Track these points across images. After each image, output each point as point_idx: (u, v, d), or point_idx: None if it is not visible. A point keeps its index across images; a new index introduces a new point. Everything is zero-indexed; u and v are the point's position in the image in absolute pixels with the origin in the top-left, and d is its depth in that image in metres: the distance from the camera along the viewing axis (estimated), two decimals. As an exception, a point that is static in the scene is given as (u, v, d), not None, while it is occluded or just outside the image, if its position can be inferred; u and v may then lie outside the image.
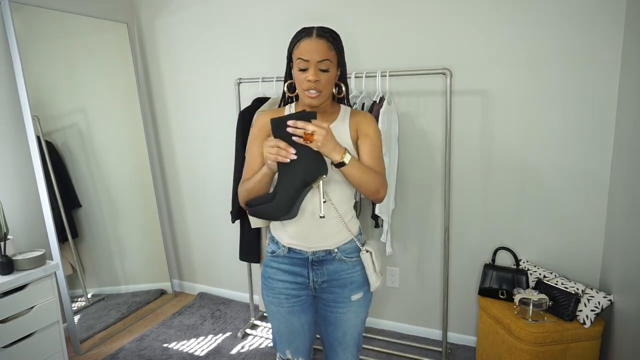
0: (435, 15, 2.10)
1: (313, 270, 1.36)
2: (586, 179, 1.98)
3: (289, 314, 1.39)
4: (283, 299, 1.38)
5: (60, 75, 2.42)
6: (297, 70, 1.26)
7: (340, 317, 1.39)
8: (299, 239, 1.34)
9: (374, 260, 1.35)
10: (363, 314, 1.42)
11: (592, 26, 1.85)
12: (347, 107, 1.39)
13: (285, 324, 1.41)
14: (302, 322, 1.41)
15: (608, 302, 1.81)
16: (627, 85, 1.78)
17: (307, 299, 1.41)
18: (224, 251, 2.94)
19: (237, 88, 2.38)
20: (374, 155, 1.32)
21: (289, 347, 1.44)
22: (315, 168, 1.19)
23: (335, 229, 1.34)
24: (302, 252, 1.35)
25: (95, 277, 2.60)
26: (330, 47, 1.25)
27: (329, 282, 1.37)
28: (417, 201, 2.32)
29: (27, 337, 1.90)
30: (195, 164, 2.89)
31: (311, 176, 1.19)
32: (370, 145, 1.32)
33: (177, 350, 2.39)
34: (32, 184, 2.30)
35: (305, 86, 1.25)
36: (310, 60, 1.23)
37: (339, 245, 1.35)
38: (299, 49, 1.26)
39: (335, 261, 1.36)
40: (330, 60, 1.25)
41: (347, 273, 1.37)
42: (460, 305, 2.34)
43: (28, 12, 2.24)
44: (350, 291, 1.37)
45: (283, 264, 1.38)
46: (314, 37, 1.25)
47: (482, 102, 2.10)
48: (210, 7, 2.60)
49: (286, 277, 1.38)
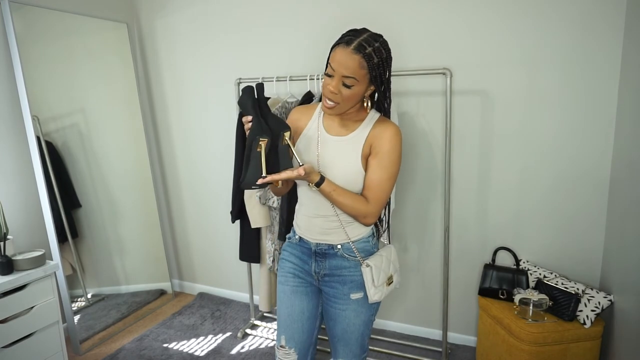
0: (435, 15, 2.10)
1: (316, 262, 1.41)
2: (586, 179, 1.98)
3: (292, 293, 1.44)
4: (290, 277, 1.46)
5: (60, 75, 2.42)
6: (325, 74, 1.25)
7: (339, 314, 1.41)
8: (304, 230, 1.41)
9: (373, 276, 1.35)
10: (364, 315, 1.41)
11: (592, 26, 1.85)
12: (374, 115, 1.34)
13: (286, 305, 1.45)
14: (302, 306, 1.44)
15: (608, 302, 1.81)
16: (627, 85, 1.78)
17: (311, 286, 1.46)
18: (224, 251, 2.94)
19: (237, 88, 2.38)
20: (375, 179, 1.28)
21: (285, 332, 1.45)
22: (260, 127, 1.19)
23: (332, 227, 1.36)
24: (308, 242, 1.41)
25: (95, 277, 2.60)
26: (362, 65, 1.18)
27: (330, 277, 1.40)
28: (417, 201, 2.32)
29: (27, 337, 1.90)
30: (195, 163, 2.89)
31: (256, 133, 1.18)
32: (376, 166, 1.28)
33: (177, 350, 2.39)
34: (32, 184, 2.30)
35: (325, 92, 1.25)
36: (336, 72, 1.20)
37: (342, 243, 1.37)
38: (334, 52, 1.22)
39: (337, 257, 1.38)
40: (356, 78, 1.20)
41: (348, 271, 1.38)
42: (460, 305, 2.34)
43: (28, 12, 2.24)
44: (350, 289, 1.38)
45: (295, 250, 1.46)
46: (351, 49, 1.18)
47: (482, 102, 2.10)
48: (210, 7, 2.60)
49: (296, 261, 1.45)
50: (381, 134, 1.29)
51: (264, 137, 1.17)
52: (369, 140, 1.30)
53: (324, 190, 1.26)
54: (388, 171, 1.28)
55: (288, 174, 1.18)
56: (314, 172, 1.25)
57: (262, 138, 1.17)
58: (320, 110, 1.40)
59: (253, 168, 1.18)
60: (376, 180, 1.28)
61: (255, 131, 1.17)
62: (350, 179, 1.30)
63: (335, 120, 1.35)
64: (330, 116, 1.36)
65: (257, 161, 1.18)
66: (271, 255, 2.24)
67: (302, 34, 2.38)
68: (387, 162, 1.28)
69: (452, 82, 2.09)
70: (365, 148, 1.30)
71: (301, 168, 1.19)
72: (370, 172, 1.29)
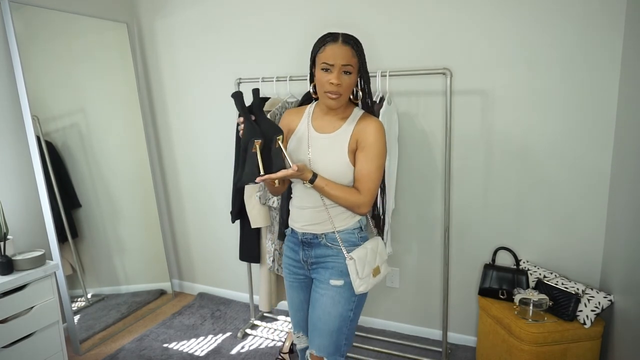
0: (435, 15, 2.10)
1: (303, 250, 1.50)
2: (586, 179, 1.98)
3: (289, 287, 1.59)
4: (287, 273, 1.59)
5: (60, 75, 2.42)
6: (320, 72, 1.34)
7: (318, 299, 1.46)
8: (293, 221, 1.51)
9: (357, 268, 1.40)
10: (342, 306, 1.43)
11: (592, 26, 1.85)
12: (359, 111, 1.44)
13: (290, 297, 1.61)
14: (300, 298, 1.58)
15: (608, 302, 1.81)
16: (627, 85, 1.78)
17: (305, 279, 1.56)
18: (224, 251, 2.94)
19: (237, 88, 2.38)
20: (364, 171, 1.37)
21: (293, 320, 1.63)
22: (253, 129, 1.26)
23: (319, 218, 1.43)
24: (296, 232, 1.50)
25: (95, 277, 2.60)
26: (353, 54, 1.33)
27: (317, 264, 1.48)
28: (417, 201, 2.32)
29: (26, 337, 1.90)
30: (195, 163, 2.89)
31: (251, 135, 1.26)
32: (364, 159, 1.37)
33: (177, 351, 2.39)
34: (32, 184, 2.30)
35: (327, 88, 1.33)
36: (335, 64, 1.31)
37: (326, 232, 1.44)
38: (324, 52, 1.33)
39: (321, 245, 1.46)
40: (352, 66, 1.33)
41: (332, 258, 1.45)
42: (460, 305, 2.34)
43: (28, 12, 2.24)
44: (330, 275, 1.44)
45: (289, 242, 1.57)
46: (340, 42, 1.32)
47: (482, 102, 2.10)
48: (210, 7, 2.60)
49: (290, 254, 1.56)
50: (365, 129, 1.38)
51: (258, 138, 1.25)
52: (354, 136, 1.39)
53: (317, 186, 1.35)
54: (375, 163, 1.37)
55: (283, 172, 1.27)
56: (306, 170, 1.34)
57: (257, 139, 1.25)
58: (309, 111, 1.50)
59: (249, 168, 1.26)
60: (365, 171, 1.37)
61: (250, 134, 1.26)
62: (338, 172, 1.38)
63: (323, 119, 1.45)
64: (319, 115, 1.46)
65: (252, 160, 1.26)
66: (271, 255, 2.23)
67: (302, 34, 2.38)
68: (372, 154, 1.37)
69: (452, 82, 2.08)
70: (352, 143, 1.39)
71: (295, 165, 1.28)
72: (359, 165, 1.38)
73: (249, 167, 1.26)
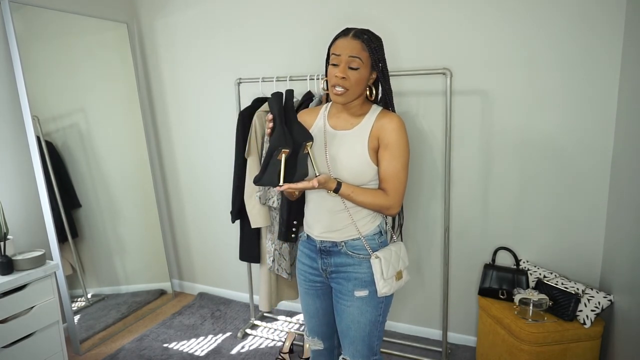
0: (435, 15, 2.10)
1: (322, 259, 1.44)
2: (586, 179, 1.98)
3: (305, 294, 1.54)
4: (302, 280, 1.53)
5: (60, 75, 2.42)
6: (330, 67, 1.31)
7: (344, 310, 1.42)
8: (309, 228, 1.45)
9: (382, 268, 1.35)
10: (370, 314, 1.41)
11: (592, 25, 1.85)
12: (377, 108, 1.38)
13: (304, 303, 1.56)
14: (316, 305, 1.53)
15: (608, 302, 1.81)
16: (627, 85, 1.78)
17: (322, 287, 1.50)
18: (224, 251, 2.94)
19: (237, 88, 2.38)
20: (390, 170, 1.32)
21: (307, 325, 1.59)
22: (284, 138, 1.20)
23: (343, 223, 1.37)
24: (313, 240, 1.45)
25: (95, 277, 2.60)
26: (363, 47, 1.28)
27: (337, 273, 1.42)
28: (417, 201, 2.32)
29: (27, 337, 1.90)
30: (195, 163, 2.89)
31: (279, 143, 1.20)
32: (389, 157, 1.31)
33: (177, 351, 2.39)
34: (32, 184, 2.30)
35: (333, 82, 1.29)
36: (342, 55, 1.27)
37: (346, 240, 1.38)
38: (334, 45, 1.31)
39: (341, 254, 1.40)
40: (361, 59, 1.27)
41: (353, 268, 1.39)
42: (460, 305, 2.34)
43: (28, 12, 2.24)
44: (354, 286, 1.39)
45: (305, 248, 1.51)
46: (350, 36, 1.29)
47: (482, 102, 2.10)
48: (210, 7, 2.60)
49: (306, 261, 1.50)
50: (386, 126, 1.32)
51: (286, 148, 1.20)
52: (374, 132, 1.33)
53: (343, 194, 1.30)
54: (400, 161, 1.32)
55: (304, 184, 1.22)
56: (329, 180, 1.28)
57: (285, 149, 1.20)
58: (325, 109, 1.44)
59: (271, 173, 1.21)
60: (391, 171, 1.31)
61: (279, 141, 1.19)
62: (357, 170, 1.32)
63: (339, 116, 1.40)
64: (335, 113, 1.40)
65: (275, 168, 1.21)
66: (271, 255, 2.23)
67: (302, 34, 2.38)
68: (397, 152, 1.31)
69: (452, 82, 2.09)
70: (372, 140, 1.33)
71: (315, 180, 1.23)
72: (384, 164, 1.32)
73: (271, 173, 1.21)
